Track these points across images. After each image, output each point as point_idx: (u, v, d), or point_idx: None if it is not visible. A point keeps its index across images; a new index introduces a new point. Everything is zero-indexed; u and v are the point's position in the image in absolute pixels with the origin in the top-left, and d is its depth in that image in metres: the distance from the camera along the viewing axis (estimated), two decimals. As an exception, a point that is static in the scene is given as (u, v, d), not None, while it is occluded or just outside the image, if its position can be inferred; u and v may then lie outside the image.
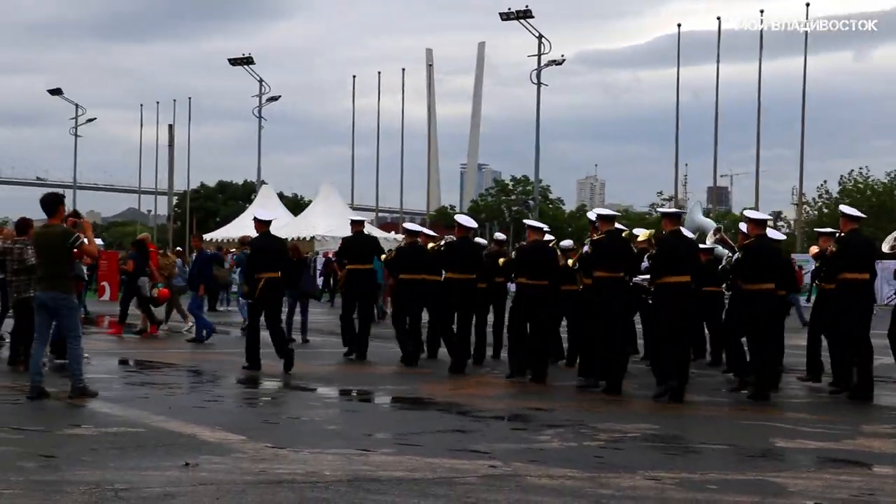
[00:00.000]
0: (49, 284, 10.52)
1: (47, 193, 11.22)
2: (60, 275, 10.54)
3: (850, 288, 11.85)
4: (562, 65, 49.58)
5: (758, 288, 11.72)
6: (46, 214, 10.85)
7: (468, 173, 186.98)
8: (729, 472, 7.32)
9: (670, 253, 11.50)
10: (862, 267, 11.88)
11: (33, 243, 11.52)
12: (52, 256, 10.57)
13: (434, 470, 7.13)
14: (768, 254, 11.87)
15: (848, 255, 11.85)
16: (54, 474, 6.71)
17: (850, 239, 12.00)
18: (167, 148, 71.40)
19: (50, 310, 10.55)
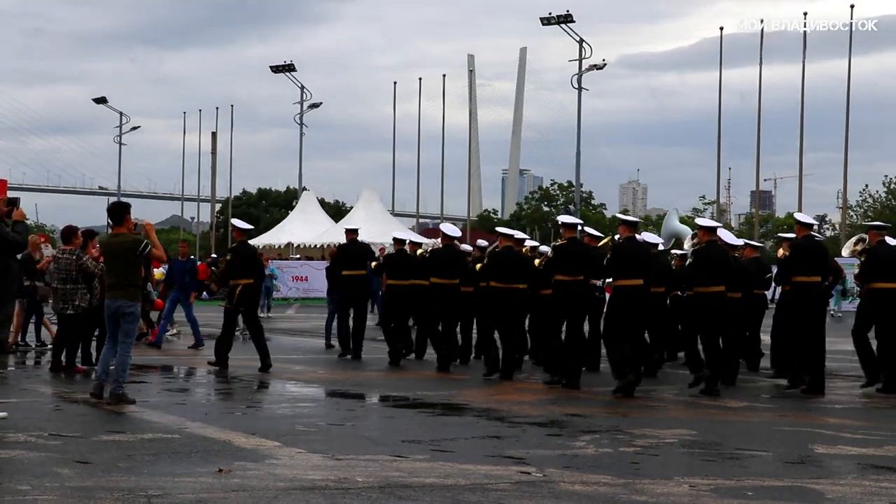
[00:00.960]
0: (117, 292, 10.75)
1: (114, 202, 11.49)
2: (128, 283, 10.78)
3: (802, 290, 12.50)
4: (603, 69, 49.35)
5: (708, 290, 12.31)
6: (113, 223, 11.07)
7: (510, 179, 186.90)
8: (766, 478, 7.21)
9: (625, 257, 12.23)
10: (814, 270, 12.51)
11: (101, 252, 11.63)
12: (120, 264, 10.80)
13: (467, 476, 7.09)
14: (718, 258, 12.44)
15: (801, 259, 12.53)
16: (89, 480, 6.74)
17: (803, 244, 12.66)
18: (210, 155, 72.03)
19: (117, 317, 10.77)
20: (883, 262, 12.80)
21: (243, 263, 14.59)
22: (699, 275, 12.46)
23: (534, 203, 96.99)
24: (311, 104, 59.77)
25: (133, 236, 11.00)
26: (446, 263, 15.03)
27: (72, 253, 13.73)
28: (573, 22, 47.59)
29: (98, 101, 66.41)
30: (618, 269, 12.32)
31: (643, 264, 12.29)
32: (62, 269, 13.70)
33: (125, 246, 10.81)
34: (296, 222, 52.54)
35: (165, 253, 11.77)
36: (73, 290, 13.64)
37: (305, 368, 15.19)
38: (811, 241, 12.80)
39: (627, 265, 12.19)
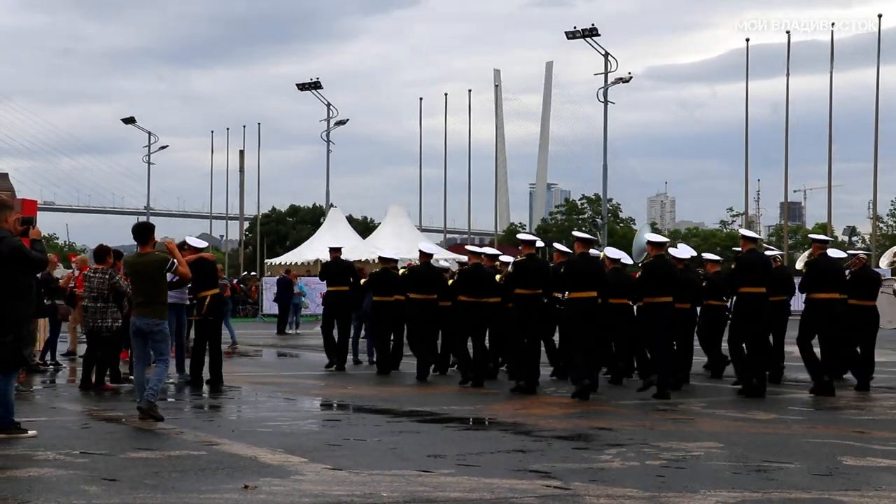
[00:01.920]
0: (144, 311, 10.90)
1: (139, 223, 11.64)
2: (156, 301, 10.93)
3: (748, 300, 13.33)
4: (629, 82, 49.26)
5: (655, 301, 13.22)
6: (139, 243, 11.19)
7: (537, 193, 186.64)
8: (793, 490, 7.16)
9: (579, 272, 13.20)
10: (758, 282, 13.32)
11: (128, 271, 11.75)
12: (147, 283, 10.95)
13: (492, 490, 7.08)
14: (665, 271, 13.35)
15: (746, 271, 13.37)
16: (116, 497, 6.79)
17: (747, 257, 13.47)
18: (238, 173, 72.41)
19: (144, 334, 10.91)
20: (822, 273, 13.72)
21: (205, 275, 14.44)
22: (647, 286, 13.40)
23: (560, 217, 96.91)
24: (338, 121, 59.97)
25: (160, 255, 11.16)
26: (423, 280, 15.98)
27: (104, 272, 13.86)
28: (598, 35, 47.60)
29: (126, 121, 66.92)
30: (571, 283, 13.28)
31: (595, 278, 13.21)
32: (94, 288, 13.83)
33: (153, 265, 10.96)
34: (324, 239, 52.59)
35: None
36: (104, 309, 13.77)
37: (332, 384, 15.23)
38: (756, 254, 13.66)
39: (580, 279, 13.13)
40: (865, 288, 14.35)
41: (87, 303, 13.97)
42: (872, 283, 14.63)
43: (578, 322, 13.22)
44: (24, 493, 6.94)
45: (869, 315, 14.41)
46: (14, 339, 9.35)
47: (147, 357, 11.25)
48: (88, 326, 14.03)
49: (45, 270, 10.92)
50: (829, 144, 51.03)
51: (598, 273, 13.42)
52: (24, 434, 9.34)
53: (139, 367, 11.15)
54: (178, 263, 11.23)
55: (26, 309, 9.57)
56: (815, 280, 13.79)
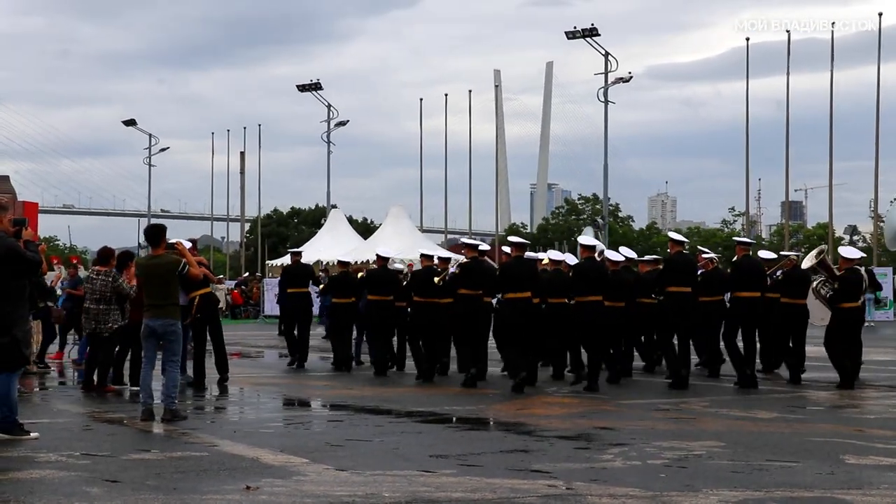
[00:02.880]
0: (158, 312, 10.96)
1: (151, 225, 11.72)
2: (169, 302, 11.01)
3: (675, 299, 14.47)
4: (629, 81, 49.18)
5: (587, 300, 14.15)
6: (151, 245, 11.27)
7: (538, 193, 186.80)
8: (795, 489, 7.16)
9: (513, 274, 14.05)
10: (685, 282, 14.43)
11: (139, 273, 11.77)
12: (160, 286, 11.01)
13: (494, 490, 7.08)
14: (596, 273, 14.26)
15: (674, 272, 14.54)
16: (118, 499, 6.78)
17: (675, 259, 14.68)
18: (239, 175, 72.38)
19: (158, 336, 10.98)
20: (746, 273, 14.74)
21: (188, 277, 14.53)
22: (579, 286, 14.34)
23: (560, 217, 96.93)
24: (338, 122, 59.90)
25: (172, 257, 11.27)
26: (380, 282, 16.92)
27: (107, 274, 13.85)
28: (598, 35, 47.53)
29: (127, 123, 66.88)
30: (506, 284, 14.11)
31: (528, 279, 14.06)
32: (97, 290, 13.84)
33: (165, 267, 11.05)
34: (324, 240, 52.62)
35: None
36: (107, 311, 13.78)
37: (334, 385, 15.23)
38: (683, 256, 14.85)
39: (514, 280, 13.98)
40: (796, 287, 14.99)
41: (90, 304, 13.96)
42: (802, 282, 15.20)
43: (514, 320, 14.04)
44: (25, 495, 6.94)
45: (799, 312, 15.05)
46: (13, 340, 9.35)
47: (155, 359, 11.27)
48: (91, 328, 14.02)
49: (39, 271, 10.89)
50: (831, 143, 50.95)
51: (532, 275, 14.26)
52: (27, 436, 9.34)
53: (147, 368, 11.18)
54: (189, 265, 11.30)
55: (22, 309, 9.57)
56: (739, 280, 14.76)
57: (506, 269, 14.36)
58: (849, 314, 14.56)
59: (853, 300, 14.62)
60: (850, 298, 14.56)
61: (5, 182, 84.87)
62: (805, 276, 15.34)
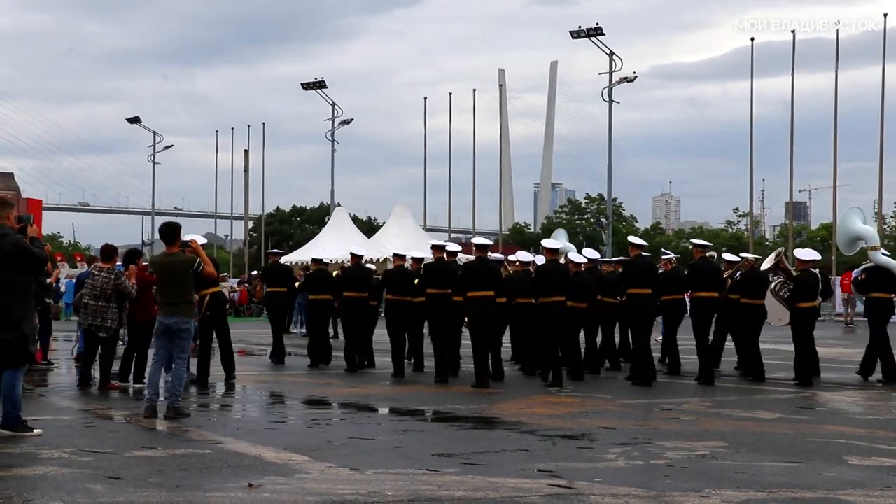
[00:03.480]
0: (172, 310, 11.07)
1: (166, 223, 11.65)
2: (183, 300, 11.11)
3: (635, 300, 15.17)
4: (634, 81, 49.10)
5: (550, 301, 14.70)
6: (166, 243, 11.37)
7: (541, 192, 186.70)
8: (798, 490, 7.15)
9: (475, 274, 14.74)
10: (645, 284, 15.12)
11: (154, 271, 11.80)
12: (175, 283, 11.12)
13: (497, 489, 7.07)
14: (558, 274, 14.82)
15: (634, 274, 15.21)
16: (120, 496, 6.79)
17: (635, 262, 15.33)
18: (243, 173, 72.42)
19: (171, 333, 11.08)
20: (704, 275, 15.45)
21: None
22: (542, 287, 14.87)
23: (564, 216, 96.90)
24: (343, 120, 59.97)
25: (187, 255, 11.36)
26: (356, 280, 17.47)
27: (110, 272, 13.85)
28: (603, 35, 47.51)
29: (132, 120, 66.95)
30: (468, 284, 14.71)
31: (489, 279, 14.78)
32: (98, 287, 13.81)
33: (180, 265, 11.15)
34: (328, 238, 52.62)
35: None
36: (105, 308, 13.76)
37: (337, 383, 15.22)
38: (642, 259, 15.42)
39: (476, 280, 14.67)
40: (754, 287, 15.65)
41: (89, 300, 13.92)
42: (760, 283, 15.76)
43: (476, 318, 14.74)
44: (28, 492, 6.95)
45: (757, 312, 15.74)
46: (18, 336, 9.35)
47: (166, 357, 11.36)
48: (87, 324, 14.00)
49: (45, 268, 10.93)
50: (835, 143, 50.86)
51: (494, 275, 15.01)
52: (30, 432, 9.35)
53: (156, 365, 11.24)
54: (204, 263, 11.37)
55: (29, 306, 9.58)
56: (696, 280, 15.54)
57: (468, 269, 14.94)
58: (805, 314, 14.99)
59: (810, 300, 15.01)
60: (806, 298, 14.98)
61: (9, 179, 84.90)
62: (763, 276, 15.86)
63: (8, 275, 9.28)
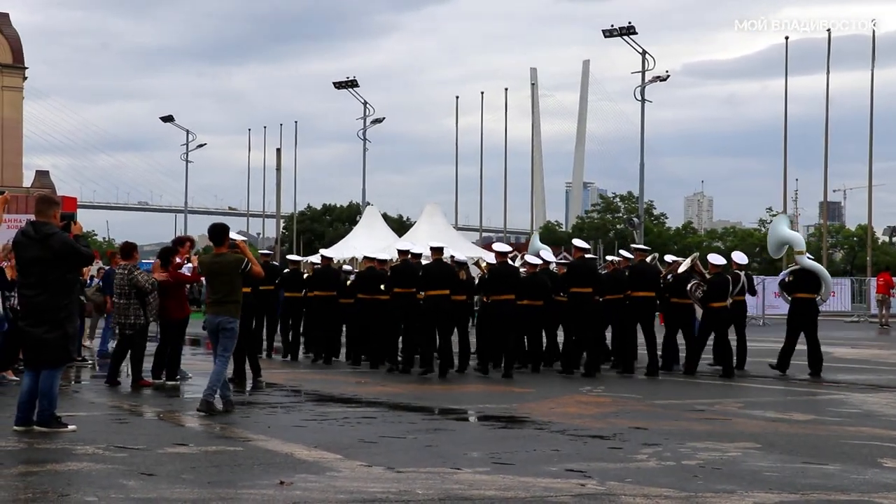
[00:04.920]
0: (219, 309, 11.32)
1: (215, 224, 11.88)
2: (231, 300, 11.35)
3: (577, 299, 16.41)
4: (667, 80, 48.84)
5: (500, 299, 16.06)
6: (214, 244, 11.64)
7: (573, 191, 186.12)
8: (831, 492, 7.10)
9: (432, 274, 16.13)
10: (586, 284, 16.41)
11: (204, 270, 11.94)
12: (223, 282, 11.37)
13: (528, 489, 7.07)
14: (508, 274, 16.34)
15: (576, 275, 16.56)
16: (153, 492, 6.84)
17: (577, 263, 16.81)
18: (275, 171, 72.72)
19: (217, 331, 11.35)
20: (641, 275, 16.73)
21: None
22: (492, 286, 16.28)
23: (595, 215, 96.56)
24: (374, 119, 60.01)
25: (235, 255, 11.54)
26: (325, 280, 18.87)
27: (124, 268, 13.99)
28: (636, 34, 47.31)
29: (165, 119, 67.36)
30: (426, 283, 16.14)
31: (445, 279, 16.12)
32: (118, 285, 14.01)
33: (228, 265, 11.37)
34: (359, 237, 52.67)
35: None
36: (126, 306, 13.87)
37: (368, 381, 15.26)
38: (584, 261, 16.84)
39: (433, 280, 16.03)
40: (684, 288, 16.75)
41: (116, 299, 14.14)
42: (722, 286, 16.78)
43: (433, 315, 16.14)
44: (63, 487, 7.01)
45: (687, 311, 16.98)
46: (63, 336, 9.45)
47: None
48: (116, 321, 14.25)
49: (91, 265, 11.13)
50: (870, 143, 50.48)
51: (450, 275, 16.35)
52: (64, 428, 9.44)
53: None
54: (251, 263, 11.53)
55: (74, 305, 9.69)
56: (636, 281, 16.72)
57: (426, 270, 16.36)
58: (717, 312, 16.47)
59: (721, 300, 16.53)
60: (718, 299, 16.48)
61: (45, 177, 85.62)
62: (727, 280, 16.90)
63: (56, 273, 9.39)
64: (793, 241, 17.82)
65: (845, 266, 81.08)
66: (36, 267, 9.39)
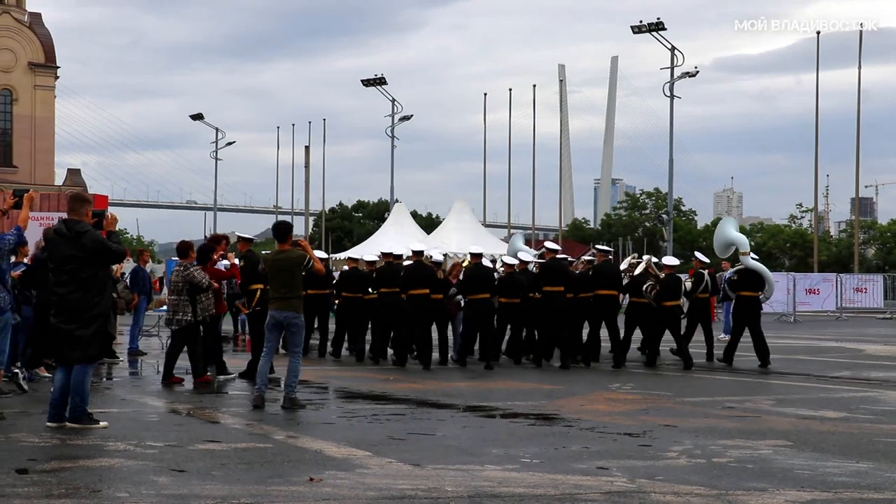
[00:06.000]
0: (283, 304, 11.56)
1: (279, 222, 12.45)
2: (294, 296, 11.57)
3: (549, 297, 17.20)
4: (696, 76, 48.56)
5: (477, 297, 17.24)
6: (278, 241, 11.97)
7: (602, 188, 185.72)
8: (864, 490, 7.04)
9: (413, 275, 17.23)
10: (558, 283, 17.20)
11: (267, 267, 12.06)
12: (286, 279, 11.60)
13: (557, 486, 7.05)
14: (484, 273, 17.51)
15: (548, 274, 17.32)
16: (184, 488, 6.87)
17: (549, 264, 17.51)
18: (303, 169, 72.92)
19: (282, 327, 11.61)
20: (605, 275, 17.63)
21: (254, 268, 14.73)
22: (469, 285, 17.39)
23: (623, 212, 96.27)
24: (402, 117, 60.03)
25: (298, 252, 11.76)
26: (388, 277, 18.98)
27: (180, 265, 14.08)
28: (664, 30, 47.08)
29: (195, 117, 67.60)
30: (407, 283, 17.21)
31: (424, 279, 17.13)
32: (173, 281, 14.11)
33: (291, 262, 11.61)
34: (388, 234, 52.82)
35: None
36: (177, 302, 13.97)
37: (397, 378, 15.28)
38: (556, 261, 17.54)
39: (413, 280, 17.16)
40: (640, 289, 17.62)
41: (172, 296, 14.25)
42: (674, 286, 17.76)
43: (416, 314, 17.16)
44: (95, 483, 7.06)
45: (644, 309, 17.72)
46: (96, 332, 9.53)
47: (276, 349, 11.98)
48: (167, 318, 14.35)
49: (124, 261, 11.22)
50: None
51: (429, 276, 17.29)
52: (96, 425, 9.51)
53: (266, 357, 11.80)
54: (313, 260, 11.74)
55: (107, 302, 9.78)
56: (599, 280, 17.58)
57: (408, 271, 17.48)
58: (669, 310, 17.49)
59: (674, 299, 17.57)
60: (670, 298, 17.49)
61: (77, 175, 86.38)
62: (679, 280, 18.13)
63: (89, 270, 9.47)
64: (738, 243, 18.73)
65: (878, 262, 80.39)
66: (69, 265, 9.47)
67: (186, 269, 13.98)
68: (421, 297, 17.10)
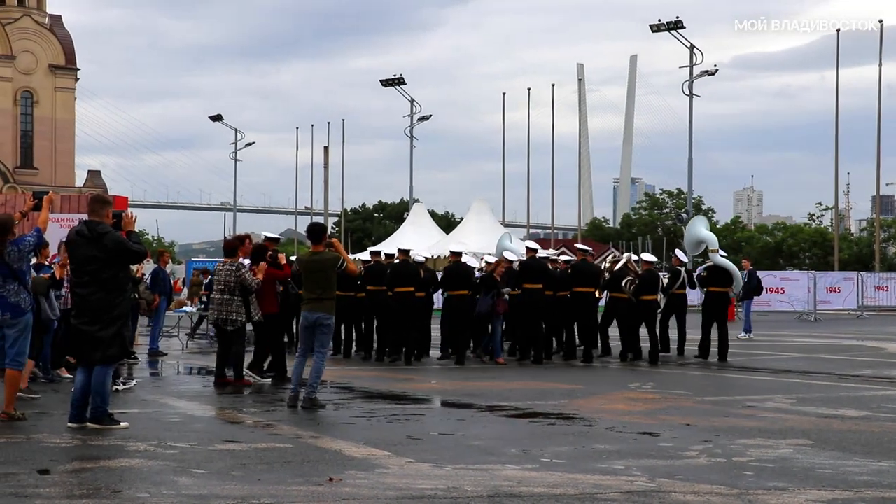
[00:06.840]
0: (316, 305, 11.64)
1: (313, 223, 12.62)
2: (326, 297, 11.66)
3: (528, 294, 17.87)
4: (715, 74, 48.41)
5: (455, 294, 18.05)
6: (312, 242, 12.09)
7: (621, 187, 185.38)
8: (885, 489, 7.00)
9: (398, 274, 18.08)
10: (536, 280, 17.84)
11: (301, 268, 12.14)
12: (320, 280, 11.69)
13: (576, 486, 7.04)
14: (462, 271, 18.30)
15: (527, 272, 17.94)
16: (204, 488, 6.90)
17: (529, 262, 18.15)
18: (322, 169, 73.10)
19: (314, 327, 11.68)
20: (584, 273, 18.40)
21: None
22: (449, 283, 18.19)
23: (643, 211, 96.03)
24: (421, 117, 60.13)
25: (332, 254, 11.83)
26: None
27: (232, 265, 14.03)
28: (683, 28, 46.96)
29: (214, 118, 67.91)
30: (393, 282, 18.05)
31: (409, 277, 17.99)
32: (222, 281, 14.04)
33: (325, 263, 11.69)
34: (407, 234, 52.88)
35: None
36: (230, 302, 13.94)
37: (416, 378, 15.29)
38: (535, 260, 18.15)
39: (399, 278, 17.98)
40: (647, 286, 18.19)
41: (215, 295, 14.20)
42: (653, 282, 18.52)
43: (402, 311, 17.96)
44: (116, 483, 7.10)
45: (624, 304, 18.44)
46: (117, 334, 9.58)
47: (310, 350, 11.89)
48: (213, 318, 14.31)
49: (144, 260, 11.31)
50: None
51: (414, 274, 18.14)
52: (116, 425, 9.56)
53: (300, 358, 11.86)
54: (346, 262, 11.85)
55: (128, 303, 9.84)
56: (579, 279, 18.30)
57: (393, 270, 18.25)
58: (647, 305, 18.23)
59: (651, 294, 18.27)
60: (648, 292, 18.18)
61: (97, 176, 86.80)
62: (657, 276, 19.01)
63: (110, 271, 9.53)
64: (708, 241, 19.48)
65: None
66: (90, 266, 9.53)
67: (238, 269, 13.95)
68: (405, 294, 17.85)
